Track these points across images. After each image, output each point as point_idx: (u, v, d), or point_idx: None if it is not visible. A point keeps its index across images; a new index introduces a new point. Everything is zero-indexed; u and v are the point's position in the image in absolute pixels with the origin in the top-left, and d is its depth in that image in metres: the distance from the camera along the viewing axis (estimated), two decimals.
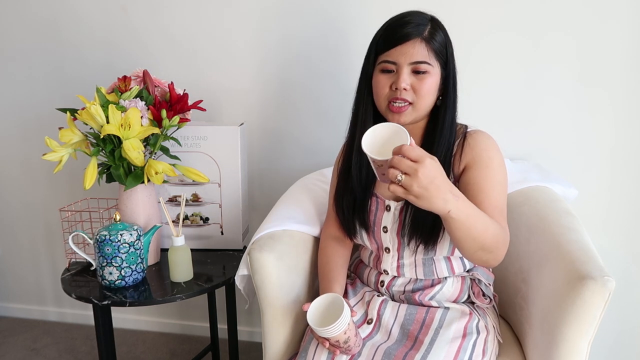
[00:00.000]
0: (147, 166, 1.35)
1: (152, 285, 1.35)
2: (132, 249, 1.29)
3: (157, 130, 1.34)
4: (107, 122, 1.29)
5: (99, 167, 1.36)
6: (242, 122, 1.54)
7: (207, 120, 1.69)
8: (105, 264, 1.28)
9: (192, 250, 1.42)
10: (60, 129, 1.34)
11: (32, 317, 2.23)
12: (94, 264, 1.36)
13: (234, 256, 1.53)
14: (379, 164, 0.84)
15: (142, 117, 1.32)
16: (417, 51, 1.00)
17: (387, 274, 1.15)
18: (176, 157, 1.44)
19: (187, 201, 1.53)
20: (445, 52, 1.03)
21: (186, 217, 1.55)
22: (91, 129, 1.35)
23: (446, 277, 1.12)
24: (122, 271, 1.29)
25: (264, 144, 1.78)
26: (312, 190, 1.43)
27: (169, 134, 1.41)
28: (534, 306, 1.11)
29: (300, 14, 1.64)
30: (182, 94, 1.40)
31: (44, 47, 1.87)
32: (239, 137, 1.49)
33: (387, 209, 1.11)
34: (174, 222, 1.50)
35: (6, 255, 2.17)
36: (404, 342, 1.05)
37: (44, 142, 1.34)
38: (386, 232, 1.11)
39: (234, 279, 1.30)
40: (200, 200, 1.54)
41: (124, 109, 1.31)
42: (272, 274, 1.15)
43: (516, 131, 1.58)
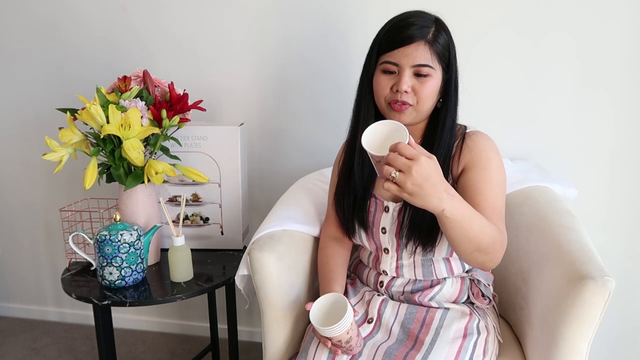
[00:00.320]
0: (147, 166, 1.35)
1: (152, 285, 1.35)
2: (132, 249, 1.29)
3: (157, 130, 1.34)
4: (107, 122, 1.29)
5: (99, 167, 1.36)
6: (242, 122, 1.54)
7: (207, 120, 1.69)
8: (105, 264, 1.28)
9: (192, 250, 1.42)
10: (60, 129, 1.34)
11: (32, 317, 2.23)
12: (94, 264, 1.36)
13: (234, 256, 1.53)
14: (377, 159, 0.85)
15: (142, 117, 1.32)
16: (420, 54, 0.99)
17: (387, 275, 1.15)
18: (176, 157, 1.44)
19: (187, 201, 1.53)
20: (447, 55, 1.02)
21: (186, 217, 1.55)
22: (91, 129, 1.35)
23: (445, 278, 1.12)
24: (122, 271, 1.29)
25: (264, 144, 1.78)
26: (312, 190, 1.43)
27: (169, 134, 1.41)
28: (534, 306, 1.11)
29: (300, 14, 1.64)
30: (182, 94, 1.40)
31: (44, 47, 1.87)
32: (239, 137, 1.49)
33: (386, 210, 1.11)
34: (174, 222, 1.50)
35: (6, 255, 2.17)
36: (405, 342, 1.05)
37: (44, 142, 1.34)
38: (385, 233, 1.11)
39: (234, 279, 1.30)
40: (200, 200, 1.54)
41: (124, 109, 1.31)
42: (272, 274, 1.15)
43: (516, 131, 1.58)
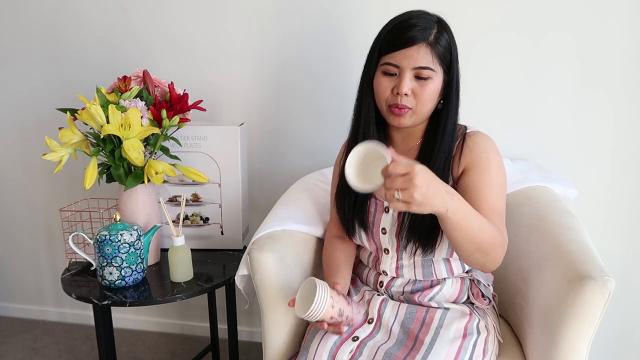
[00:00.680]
0: (147, 166, 1.35)
1: (152, 285, 1.35)
2: (132, 249, 1.29)
3: (157, 130, 1.34)
4: (107, 122, 1.29)
5: (99, 167, 1.36)
6: (242, 122, 1.54)
7: (207, 120, 1.69)
8: (105, 264, 1.28)
9: (192, 250, 1.42)
10: (60, 129, 1.34)
11: (32, 317, 2.22)
12: (94, 264, 1.36)
13: (234, 256, 1.53)
14: (374, 191, 0.86)
15: (142, 117, 1.32)
16: (422, 56, 0.98)
17: (386, 275, 1.15)
18: (176, 157, 1.44)
19: (187, 201, 1.53)
20: (449, 57, 1.02)
21: (186, 217, 1.55)
22: (91, 129, 1.35)
23: (445, 278, 1.12)
24: (122, 271, 1.29)
25: (264, 144, 1.78)
26: (312, 190, 1.43)
27: (169, 134, 1.41)
28: (534, 306, 1.11)
29: (300, 14, 1.64)
30: (182, 94, 1.40)
31: (44, 47, 1.87)
32: (239, 137, 1.49)
33: (386, 210, 1.11)
34: (174, 222, 1.50)
35: (6, 255, 2.17)
36: (405, 342, 1.05)
37: (44, 142, 1.34)
38: (385, 234, 1.11)
39: (234, 279, 1.30)
40: (200, 200, 1.54)
41: (124, 109, 1.31)
42: (272, 274, 1.15)
43: (516, 131, 1.58)
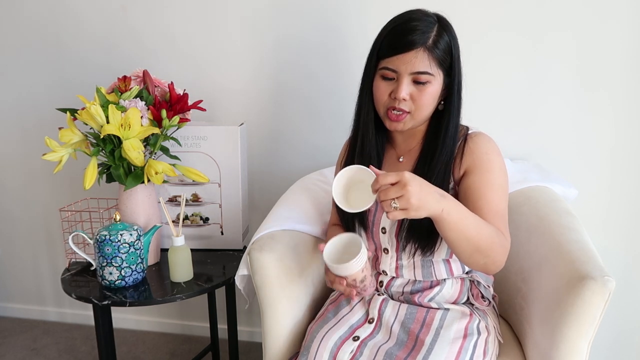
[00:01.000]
0: (147, 166, 1.35)
1: (152, 285, 1.35)
2: (132, 249, 1.29)
3: (157, 130, 1.34)
4: (107, 122, 1.29)
5: (99, 167, 1.36)
6: (242, 122, 1.54)
7: (207, 120, 1.69)
8: (105, 264, 1.28)
9: (192, 250, 1.42)
10: (60, 129, 1.34)
11: (32, 317, 2.22)
12: (94, 264, 1.36)
13: (234, 256, 1.53)
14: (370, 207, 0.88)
15: (142, 117, 1.32)
16: (419, 61, 0.97)
17: (386, 275, 1.14)
18: (176, 157, 1.44)
19: (187, 201, 1.53)
20: (449, 58, 1.00)
21: (186, 217, 1.55)
22: (91, 129, 1.35)
23: (445, 279, 1.12)
24: (122, 271, 1.29)
25: (264, 144, 1.78)
26: (312, 190, 1.43)
27: (169, 134, 1.41)
28: (534, 306, 1.11)
29: (300, 14, 1.64)
30: (182, 94, 1.40)
31: (43, 47, 1.87)
32: (239, 137, 1.49)
33: None
34: (174, 222, 1.50)
35: (6, 255, 2.17)
36: (405, 343, 1.05)
37: (44, 142, 1.34)
38: (385, 233, 1.11)
39: (234, 279, 1.30)
40: (200, 200, 1.54)
41: (124, 109, 1.31)
42: (272, 274, 1.15)
43: (516, 131, 1.58)
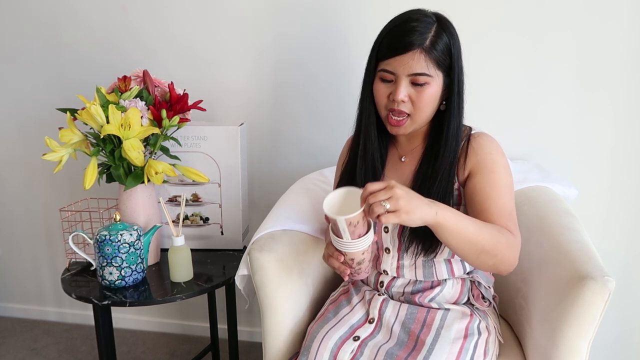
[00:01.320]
0: (147, 166, 1.35)
1: (152, 285, 1.35)
2: (132, 249, 1.29)
3: (157, 130, 1.34)
4: (107, 122, 1.29)
5: (99, 167, 1.36)
6: (242, 122, 1.54)
7: (207, 120, 1.69)
8: (105, 264, 1.28)
9: (192, 250, 1.42)
10: (60, 129, 1.34)
11: (32, 317, 2.22)
12: (94, 264, 1.36)
13: (234, 256, 1.53)
14: (356, 220, 0.88)
15: (142, 117, 1.32)
16: (416, 63, 0.97)
17: (387, 275, 1.14)
18: (176, 157, 1.44)
19: (187, 201, 1.53)
20: (449, 59, 1.00)
21: (186, 217, 1.55)
22: (91, 129, 1.35)
23: (446, 279, 1.12)
24: (122, 271, 1.29)
25: (264, 144, 1.78)
26: (312, 190, 1.43)
27: (169, 134, 1.41)
28: (534, 306, 1.11)
29: (300, 14, 1.64)
30: (182, 94, 1.40)
31: (43, 48, 1.87)
32: (239, 137, 1.49)
33: None
34: (174, 222, 1.50)
35: (6, 255, 2.17)
36: (406, 343, 1.05)
37: (44, 142, 1.34)
38: (387, 233, 1.11)
39: (234, 279, 1.30)
40: (200, 200, 1.54)
41: (124, 109, 1.31)
42: (272, 274, 1.15)
43: (516, 131, 1.58)
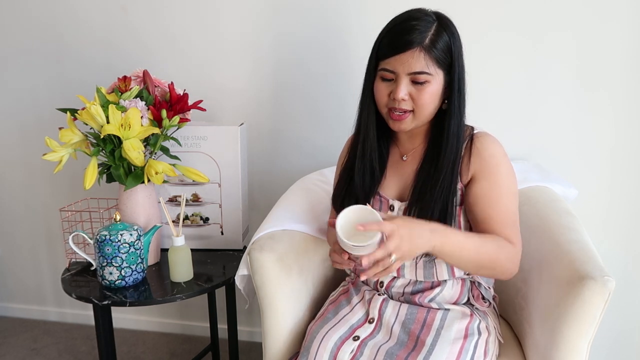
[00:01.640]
0: (147, 166, 1.35)
1: (152, 285, 1.35)
2: (132, 249, 1.29)
3: (157, 130, 1.34)
4: (107, 122, 1.29)
5: (99, 167, 1.36)
6: (242, 122, 1.54)
7: (207, 120, 1.69)
8: (105, 264, 1.28)
9: (192, 250, 1.42)
10: (60, 129, 1.34)
11: (32, 317, 2.22)
12: (94, 264, 1.36)
13: (234, 256, 1.53)
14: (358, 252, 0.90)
15: (142, 117, 1.32)
16: (416, 61, 0.97)
17: (387, 275, 1.14)
18: (176, 157, 1.44)
19: (187, 201, 1.53)
20: (449, 57, 1.00)
21: (186, 217, 1.55)
22: (91, 129, 1.35)
23: (446, 280, 1.12)
24: (122, 271, 1.29)
25: (264, 144, 1.78)
26: (312, 190, 1.43)
27: (169, 134, 1.41)
28: (534, 306, 1.11)
29: (300, 14, 1.64)
30: (182, 94, 1.40)
31: (44, 48, 1.87)
32: (239, 137, 1.49)
33: (391, 208, 1.11)
34: (174, 222, 1.50)
35: (6, 255, 2.17)
36: (406, 343, 1.05)
37: (44, 142, 1.34)
38: None
39: (234, 279, 1.30)
40: (200, 200, 1.54)
41: (124, 109, 1.31)
42: (272, 274, 1.15)
43: (516, 131, 1.58)
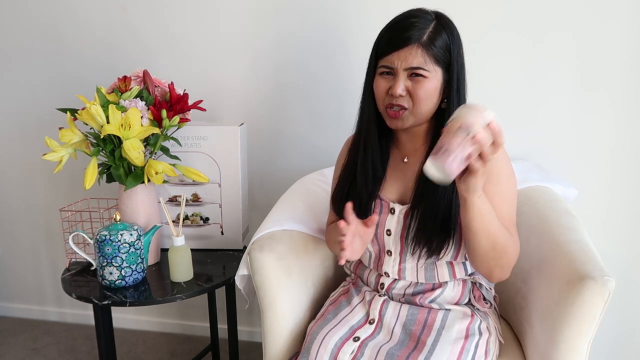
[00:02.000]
0: (147, 166, 1.35)
1: (152, 285, 1.35)
2: (132, 249, 1.29)
3: (157, 130, 1.34)
4: (107, 122, 1.29)
5: (99, 167, 1.36)
6: (242, 122, 1.54)
7: (207, 120, 1.69)
8: (105, 263, 1.28)
9: (192, 250, 1.42)
10: (60, 129, 1.34)
11: (32, 317, 2.22)
12: (94, 264, 1.36)
13: (234, 256, 1.53)
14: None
15: (142, 117, 1.32)
16: (414, 57, 0.98)
17: (388, 277, 1.14)
18: (176, 157, 1.44)
19: (187, 201, 1.53)
20: (447, 55, 1.00)
21: (186, 217, 1.55)
22: (91, 129, 1.35)
23: (447, 282, 1.11)
24: (122, 271, 1.29)
25: (264, 144, 1.78)
26: (312, 190, 1.43)
27: (169, 134, 1.41)
28: (534, 306, 1.11)
29: (300, 14, 1.64)
30: (182, 94, 1.40)
31: (44, 48, 1.87)
32: (239, 137, 1.49)
33: (392, 211, 1.10)
34: (174, 222, 1.50)
35: (6, 255, 2.17)
36: (407, 343, 1.05)
37: (44, 142, 1.34)
38: (390, 235, 1.10)
39: (234, 279, 1.30)
40: (200, 200, 1.54)
41: (124, 109, 1.31)
42: (272, 274, 1.15)
43: (516, 131, 1.58)
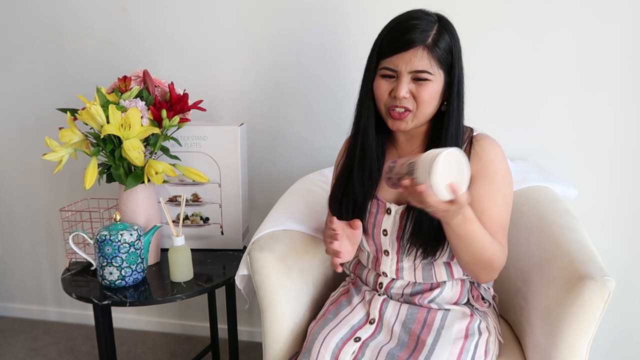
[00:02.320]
0: (147, 166, 1.35)
1: (152, 285, 1.35)
2: (132, 249, 1.29)
3: (157, 130, 1.34)
4: (107, 122, 1.29)
5: (99, 167, 1.36)
6: (242, 122, 1.54)
7: (207, 120, 1.69)
8: (105, 263, 1.28)
9: (192, 250, 1.42)
10: (60, 129, 1.34)
11: (32, 317, 2.22)
12: (94, 264, 1.36)
13: (234, 256, 1.53)
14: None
15: (142, 117, 1.32)
16: (419, 60, 0.97)
17: (386, 276, 1.14)
18: (176, 157, 1.44)
19: (187, 201, 1.53)
20: (450, 58, 1.00)
21: (186, 217, 1.55)
22: (91, 129, 1.35)
23: (445, 281, 1.11)
24: (122, 271, 1.29)
25: (264, 144, 1.78)
26: (312, 190, 1.43)
27: (169, 134, 1.42)
28: (534, 306, 1.11)
29: (300, 15, 1.64)
30: (182, 94, 1.40)
31: (44, 47, 1.87)
32: (239, 137, 1.49)
33: (388, 212, 1.10)
34: (174, 222, 1.50)
35: (6, 255, 2.17)
36: (407, 343, 1.05)
37: (44, 142, 1.34)
38: (386, 235, 1.11)
39: (234, 279, 1.30)
40: (200, 200, 1.54)
41: (124, 109, 1.31)
42: (272, 274, 1.15)
43: (516, 131, 1.58)
